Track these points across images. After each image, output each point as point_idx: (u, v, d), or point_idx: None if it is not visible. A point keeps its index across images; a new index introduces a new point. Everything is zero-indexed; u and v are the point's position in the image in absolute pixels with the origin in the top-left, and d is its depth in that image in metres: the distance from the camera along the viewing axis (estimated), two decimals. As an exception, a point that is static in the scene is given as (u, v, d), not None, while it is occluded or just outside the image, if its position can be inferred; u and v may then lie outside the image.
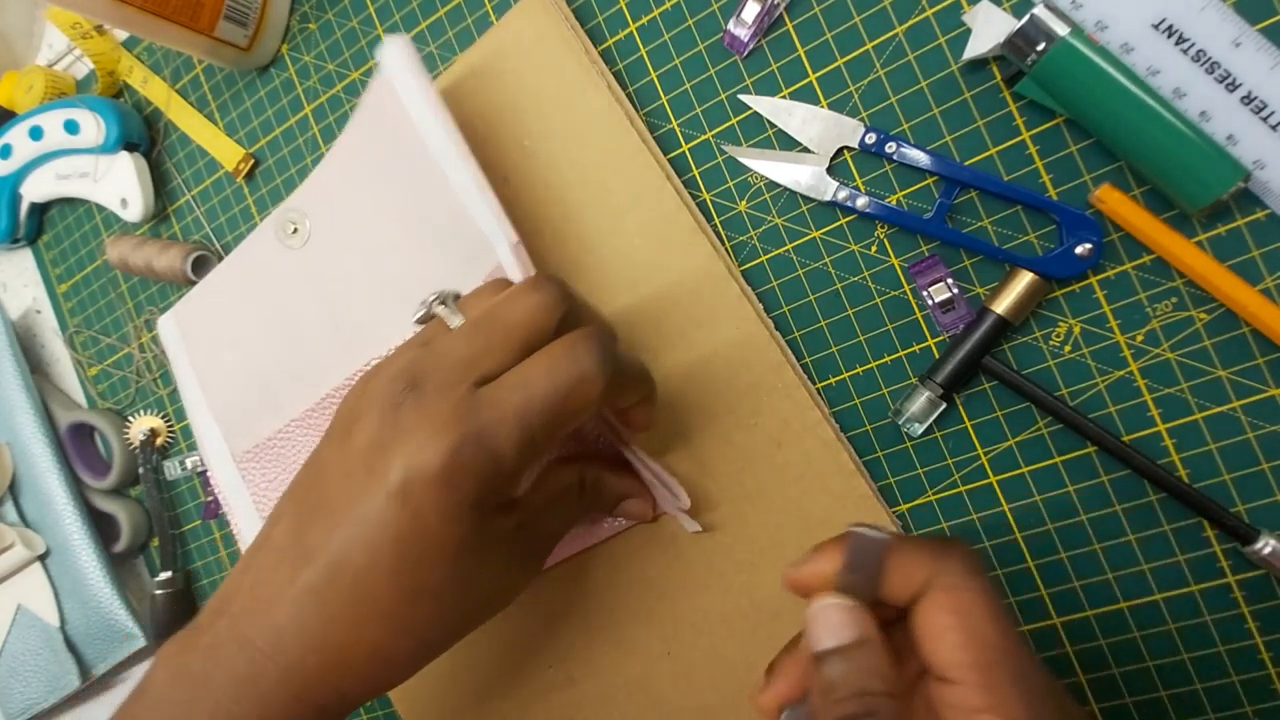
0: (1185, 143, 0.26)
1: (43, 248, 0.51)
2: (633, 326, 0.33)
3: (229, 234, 0.44)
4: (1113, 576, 0.29)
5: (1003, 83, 0.29)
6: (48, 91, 0.47)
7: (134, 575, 0.50)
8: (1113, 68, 0.26)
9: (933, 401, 0.30)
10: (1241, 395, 0.27)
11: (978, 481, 0.30)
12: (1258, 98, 0.26)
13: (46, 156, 0.46)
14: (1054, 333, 0.29)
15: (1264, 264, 0.27)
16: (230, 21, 0.39)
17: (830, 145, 0.31)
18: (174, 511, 0.47)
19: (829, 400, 0.32)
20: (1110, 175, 0.28)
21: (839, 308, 0.32)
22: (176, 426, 0.47)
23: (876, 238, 0.31)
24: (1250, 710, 0.28)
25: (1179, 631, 0.28)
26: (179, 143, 0.45)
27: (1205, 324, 0.27)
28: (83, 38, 0.45)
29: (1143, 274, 0.28)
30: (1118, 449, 0.28)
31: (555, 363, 0.24)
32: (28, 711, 0.48)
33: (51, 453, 0.47)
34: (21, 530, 0.47)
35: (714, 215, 0.33)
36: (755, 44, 0.32)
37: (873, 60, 0.30)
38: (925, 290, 0.30)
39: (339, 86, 0.40)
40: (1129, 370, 0.28)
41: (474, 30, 0.37)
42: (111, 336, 0.49)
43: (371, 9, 0.39)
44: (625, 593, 0.34)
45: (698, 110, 0.33)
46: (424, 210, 0.34)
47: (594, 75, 0.33)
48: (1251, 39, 0.26)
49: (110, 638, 0.47)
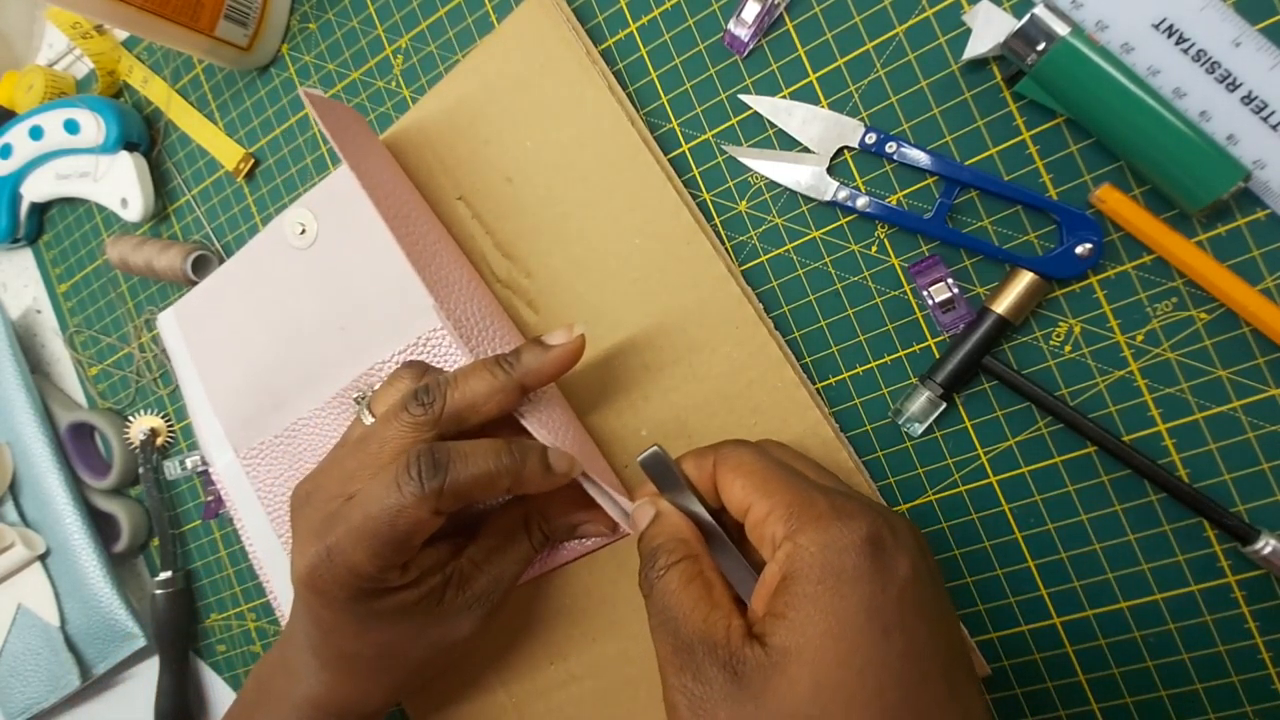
0: (1185, 143, 0.26)
1: (43, 247, 0.51)
2: (633, 326, 0.33)
3: (229, 234, 0.44)
4: (1113, 576, 0.29)
5: (1003, 83, 0.29)
6: (48, 91, 0.47)
7: (134, 575, 0.50)
8: (1113, 68, 0.26)
9: (933, 401, 0.30)
10: (1241, 395, 0.27)
11: (978, 481, 0.30)
12: (1258, 97, 0.26)
13: (46, 156, 0.46)
14: (1054, 333, 0.29)
15: (1264, 264, 0.27)
16: (230, 21, 0.39)
17: (830, 145, 0.31)
18: (174, 511, 0.47)
19: (829, 400, 0.32)
20: (1110, 175, 0.28)
21: (839, 308, 0.32)
22: (176, 426, 0.47)
23: (876, 238, 0.31)
24: (1250, 710, 0.28)
25: (1179, 631, 0.28)
26: (179, 142, 0.45)
27: (1205, 324, 0.27)
28: (83, 37, 0.45)
29: (1143, 274, 0.28)
30: (1118, 449, 0.28)
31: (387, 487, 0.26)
32: (28, 711, 0.48)
33: (51, 453, 0.47)
34: (22, 530, 0.47)
35: (714, 215, 0.33)
36: (755, 44, 0.32)
37: (873, 60, 0.30)
38: (925, 290, 0.30)
39: (339, 86, 0.40)
40: (1129, 370, 0.28)
41: (474, 30, 0.37)
42: (111, 336, 0.49)
43: (371, 9, 0.39)
44: (626, 589, 0.34)
45: (698, 110, 0.33)
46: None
47: (594, 75, 0.33)
48: (1251, 39, 0.26)
49: (110, 637, 0.47)
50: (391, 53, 0.39)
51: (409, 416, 0.27)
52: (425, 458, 0.26)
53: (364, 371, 0.37)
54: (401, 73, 0.39)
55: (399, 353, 0.36)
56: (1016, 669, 0.31)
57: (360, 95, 0.40)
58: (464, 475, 0.26)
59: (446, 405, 0.27)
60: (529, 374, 0.28)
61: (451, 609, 0.30)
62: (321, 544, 0.26)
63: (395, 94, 0.39)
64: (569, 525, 0.33)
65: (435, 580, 0.29)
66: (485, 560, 0.31)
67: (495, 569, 0.31)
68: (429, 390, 0.27)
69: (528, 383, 0.28)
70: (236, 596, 0.46)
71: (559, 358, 0.28)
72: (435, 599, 0.29)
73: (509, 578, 0.31)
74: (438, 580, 0.29)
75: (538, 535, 0.32)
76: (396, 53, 0.39)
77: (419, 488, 0.25)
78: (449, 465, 0.26)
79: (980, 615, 0.31)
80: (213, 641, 0.47)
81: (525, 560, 0.32)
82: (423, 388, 0.28)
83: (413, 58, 0.38)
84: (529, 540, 0.32)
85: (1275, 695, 0.27)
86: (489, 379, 0.27)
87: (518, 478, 0.27)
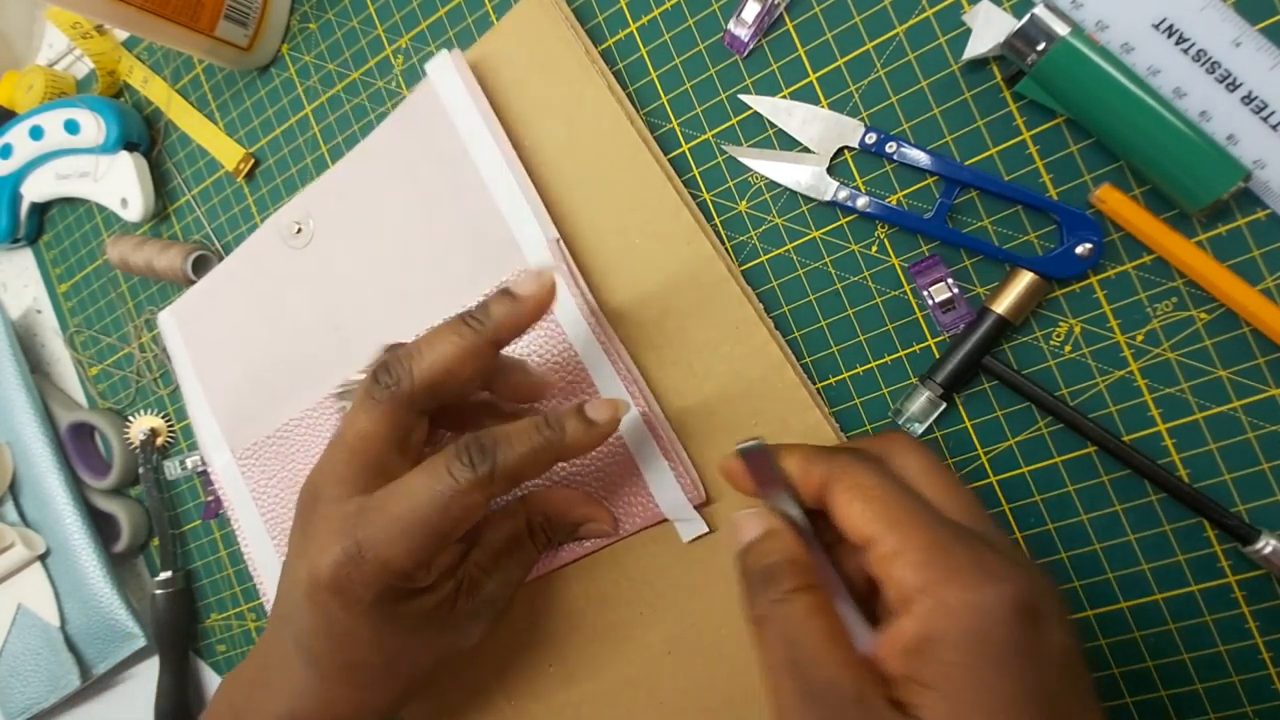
0: (1185, 143, 0.26)
1: (43, 247, 0.51)
2: (633, 326, 0.33)
3: (229, 234, 0.44)
4: (1113, 576, 0.29)
5: (1003, 83, 0.29)
6: (48, 91, 0.47)
7: (134, 575, 0.50)
8: (1113, 68, 0.26)
9: (933, 401, 0.30)
10: (1241, 395, 0.27)
11: (978, 481, 0.30)
12: (1258, 97, 0.26)
13: (47, 156, 0.46)
14: (1054, 333, 0.29)
15: (1264, 264, 0.27)
16: (230, 21, 0.39)
17: (830, 145, 0.31)
18: (174, 511, 0.47)
19: (829, 400, 0.32)
20: (1110, 175, 0.28)
21: (839, 308, 0.32)
22: (177, 426, 0.47)
23: (877, 238, 0.31)
24: (1250, 710, 0.28)
25: (1179, 631, 0.28)
26: (179, 142, 0.45)
27: (1205, 324, 0.27)
28: (83, 37, 0.45)
29: (1143, 274, 0.28)
30: (1118, 449, 0.28)
31: (437, 476, 0.25)
32: (28, 711, 0.48)
33: (52, 453, 0.47)
34: (22, 530, 0.47)
35: (714, 215, 0.33)
36: (755, 44, 0.32)
37: (873, 60, 0.30)
38: (925, 290, 0.30)
39: (339, 86, 0.40)
40: (1129, 370, 0.28)
41: (474, 30, 0.37)
42: (112, 336, 0.49)
43: (371, 9, 0.39)
44: (626, 591, 0.34)
45: (698, 110, 0.33)
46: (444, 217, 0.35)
47: (594, 75, 0.33)
48: (1251, 39, 0.26)
49: (110, 637, 0.47)
50: (391, 53, 0.39)
51: (372, 402, 0.26)
52: (473, 444, 0.26)
53: (360, 370, 0.37)
54: (401, 73, 0.39)
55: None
56: (1016, 669, 0.31)
57: (360, 95, 0.40)
58: (511, 456, 0.26)
59: (415, 379, 0.26)
60: (502, 328, 0.26)
61: (460, 616, 0.29)
62: (349, 539, 0.25)
63: (395, 94, 0.39)
64: (570, 526, 0.32)
65: (449, 586, 0.29)
66: (491, 565, 0.30)
67: (501, 574, 0.30)
68: (387, 367, 0.26)
69: (501, 338, 0.26)
70: (236, 596, 0.46)
71: (532, 307, 0.27)
72: (449, 605, 0.29)
73: (514, 582, 0.31)
74: (451, 586, 0.29)
75: (540, 538, 0.32)
76: (396, 53, 0.39)
77: (472, 473, 0.25)
78: (495, 449, 0.26)
79: (980, 615, 0.31)
80: (213, 641, 0.47)
81: (529, 564, 0.32)
82: (380, 365, 0.26)
83: (413, 58, 0.38)
84: (532, 543, 0.32)
85: (1275, 695, 0.27)
86: (456, 340, 0.26)
87: (561, 447, 0.27)
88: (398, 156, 0.35)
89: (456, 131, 0.33)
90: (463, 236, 0.34)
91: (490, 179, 0.33)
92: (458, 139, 0.33)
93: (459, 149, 0.33)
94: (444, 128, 0.34)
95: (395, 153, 0.36)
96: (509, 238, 0.33)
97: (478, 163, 0.33)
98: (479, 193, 0.33)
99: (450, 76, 0.33)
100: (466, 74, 0.33)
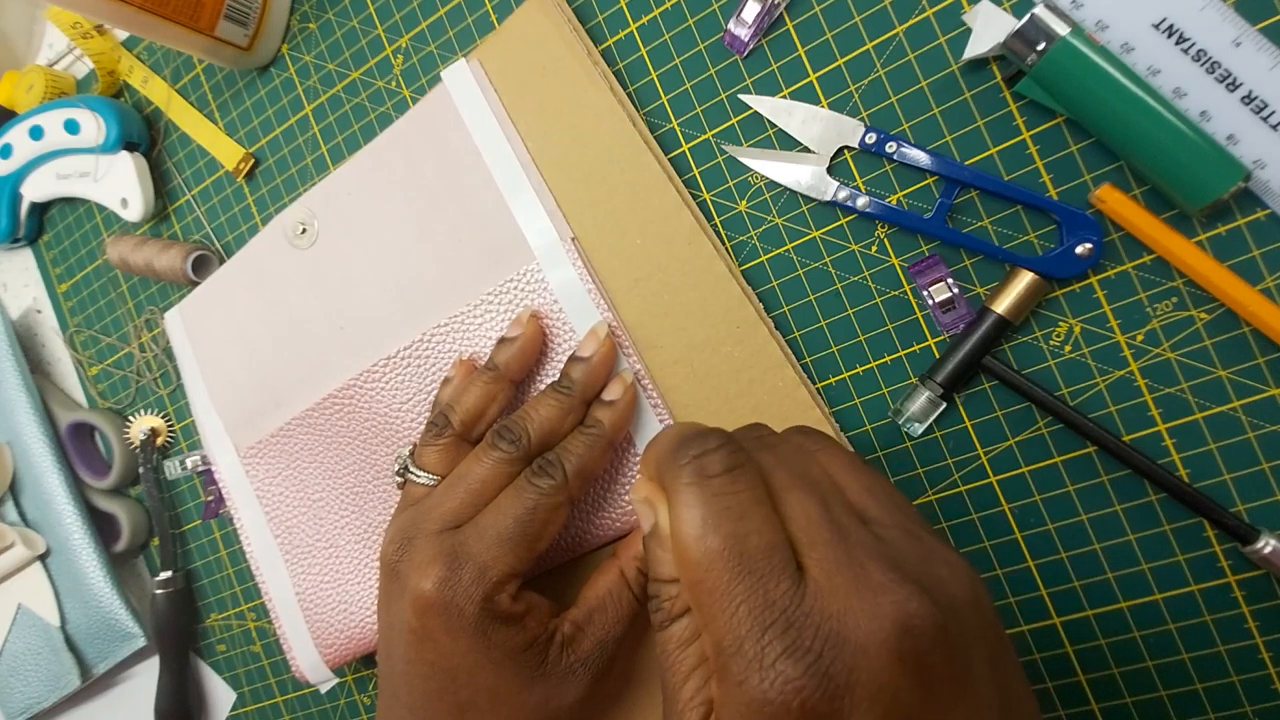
0: (1185, 142, 0.26)
1: (43, 247, 0.51)
2: (633, 326, 0.33)
3: (229, 234, 0.44)
4: (1113, 576, 0.29)
5: (1003, 83, 0.29)
6: (48, 91, 0.47)
7: (134, 575, 0.50)
8: (1113, 67, 0.26)
9: (933, 401, 0.30)
10: (1241, 395, 0.27)
11: (978, 481, 0.30)
12: (1258, 97, 0.26)
13: (46, 156, 0.46)
14: (1054, 332, 0.29)
15: (1264, 264, 0.27)
16: (230, 21, 0.39)
17: (830, 145, 0.31)
18: (174, 511, 0.47)
19: (829, 400, 0.32)
20: (1110, 175, 0.28)
21: (839, 308, 0.32)
22: (177, 426, 0.47)
23: (876, 237, 0.31)
24: (1250, 710, 0.28)
25: (1179, 631, 0.28)
26: (179, 142, 0.45)
27: (1205, 324, 0.27)
28: (83, 37, 0.45)
29: (1143, 274, 0.28)
30: (1118, 449, 0.28)
31: (521, 490, 0.29)
32: (28, 711, 0.48)
33: (52, 453, 0.47)
34: (22, 530, 0.47)
35: (714, 215, 0.33)
36: (755, 44, 0.32)
37: (873, 60, 0.30)
38: (925, 290, 0.30)
39: (339, 86, 0.40)
40: (1129, 370, 0.28)
41: (474, 30, 0.37)
42: (112, 336, 0.49)
43: (371, 9, 0.39)
44: None
45: (698, 110, 0.33)
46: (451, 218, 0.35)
47: (595, 75, 0.33)
48: (1251, 39, 0.26)
49: (111, 637, 0.47)
50: (391, 53, 0.39)
51: (501, 454, 0.30)
52: (540, 461, 0.29)
53: (364, 370, 0.37)
54: (401, 73, 0.39)
55: (399, 351, 0.36)
56: (1016, 669, 0.31)
57: (360, 95, 0.40)
58: (575, 461, 0.29)
59: (533, 438, 0.30)
60: (588, 388, 0.31)
61: (557, 670, 0.29)
62: (444, 560, 0.28)
63: (395, 94, 0.39)
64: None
65: (537, 627, 0.29)
66: (587, 622, 0.30)
67: (598, 630, 0.30)
68: (510, 429, 0.30)
69: (588, 396, 0.31)
70: (236, 596, 0.46)
71: (601, 363, 0.31)
72: (540, 653, 0.29)
73: (613, 639, 0.30)
74: (540, 630, 0.29)
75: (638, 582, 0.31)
76: (396, 53, 0.39)
77: (550, 480, 0.29)
78: (561, 460, 0.29)
79: (980, 615, 0.31)
80: (213, 641, 0.47)
81: (629, 616, 0.31)
82: (503, 427, 0.30)
83: (413, 58, 0.38)
84: (630, 591, 0.31)
85: (1275, 695, 0.27)
86: (557, 406, 0.31)
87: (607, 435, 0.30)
88: (405, 159, 0.36)
89: (470, 136, 0.34)
90: (470, 238, 0.34)
91: (503, 181, 0.34)
92: (471, 143, 0.34)
93: (471, 152, 0.34)
94: (458, 133, 0.34)
95: (403, 155, 0.36)
96: (518, 238, 0.33)
97: (491, 165, 0.34)
98: (489, 194, 0.34)
99: (468, 85, 0.34)
100: (485, 84, 0.34)
